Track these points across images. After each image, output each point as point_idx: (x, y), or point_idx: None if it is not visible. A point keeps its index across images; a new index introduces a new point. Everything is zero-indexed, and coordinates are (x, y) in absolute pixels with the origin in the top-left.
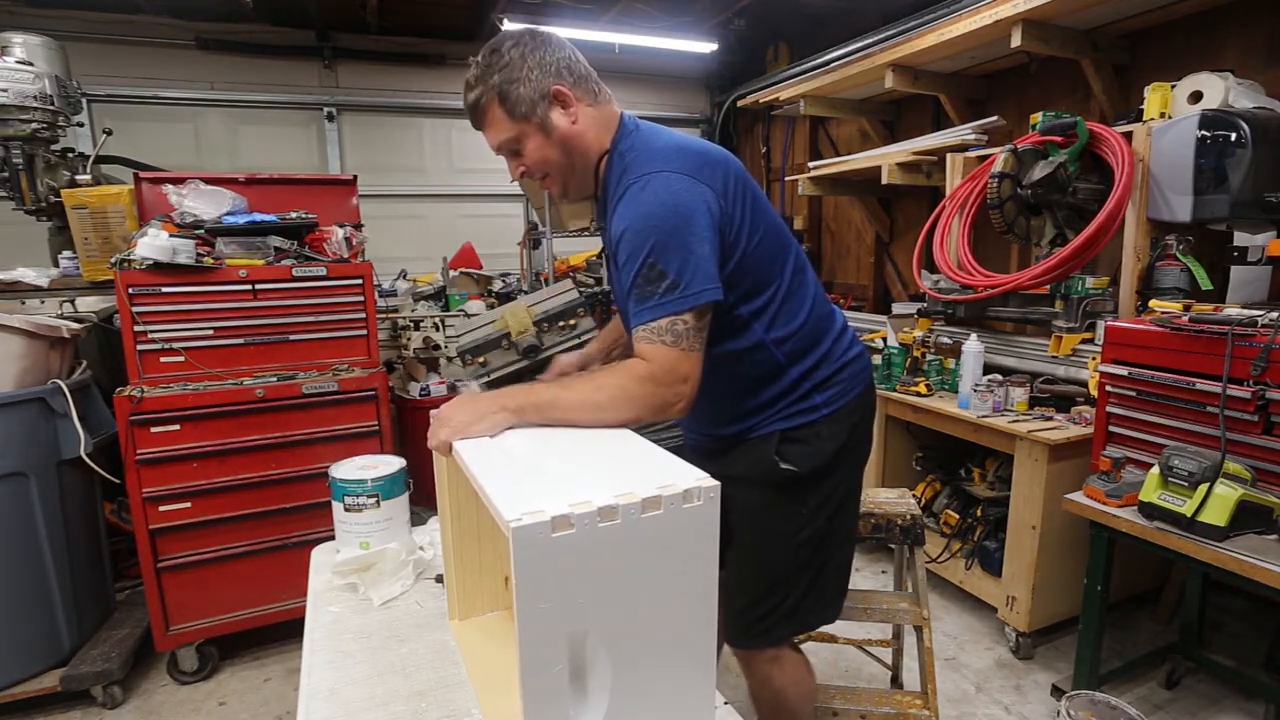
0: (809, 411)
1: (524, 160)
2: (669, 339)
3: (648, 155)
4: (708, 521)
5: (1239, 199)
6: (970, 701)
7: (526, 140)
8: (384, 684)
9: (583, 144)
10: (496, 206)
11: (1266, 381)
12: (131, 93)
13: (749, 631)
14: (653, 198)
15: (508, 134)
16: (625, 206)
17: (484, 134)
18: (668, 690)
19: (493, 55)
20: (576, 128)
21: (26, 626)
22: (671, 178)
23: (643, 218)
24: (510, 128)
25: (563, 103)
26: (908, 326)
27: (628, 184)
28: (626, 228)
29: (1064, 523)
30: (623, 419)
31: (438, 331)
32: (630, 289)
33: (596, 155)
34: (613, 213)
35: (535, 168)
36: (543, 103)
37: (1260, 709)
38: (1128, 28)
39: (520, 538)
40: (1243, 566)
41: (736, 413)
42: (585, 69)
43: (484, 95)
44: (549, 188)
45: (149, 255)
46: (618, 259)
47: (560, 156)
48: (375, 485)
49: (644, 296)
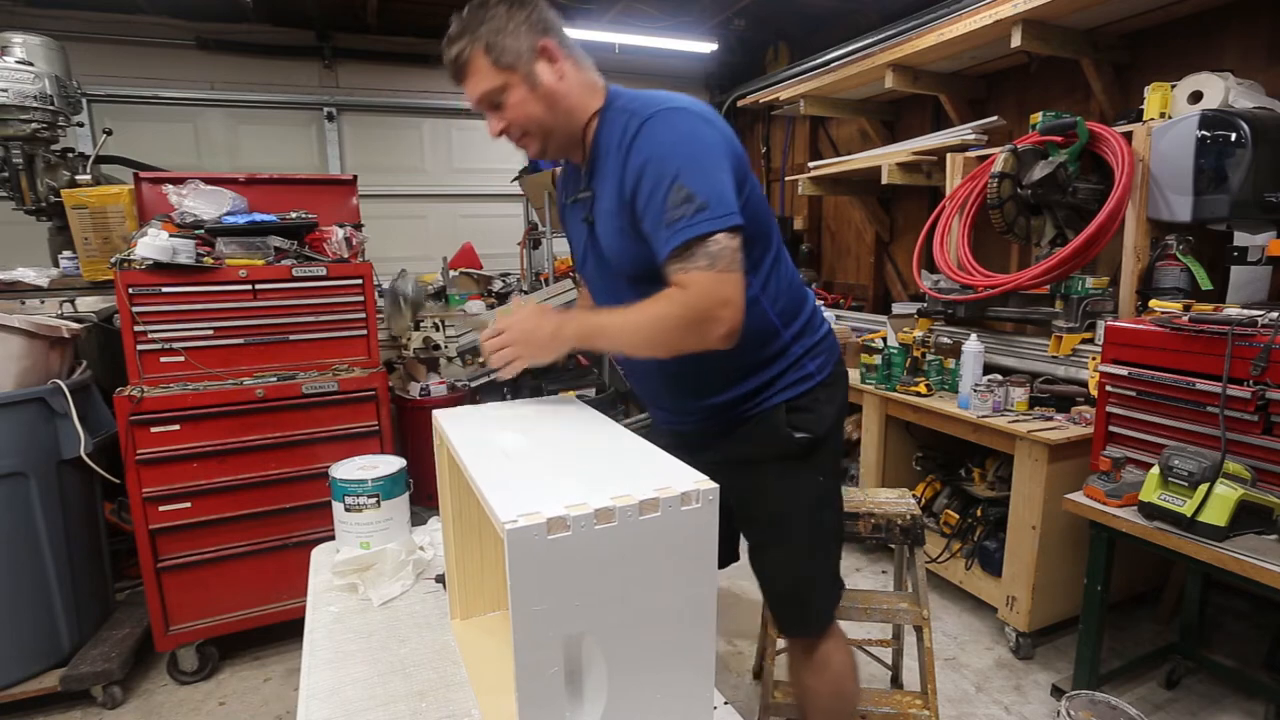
0: (806, 380)
1: (505, 114)
2: (703, 262)
3: (657, 99)
4: (706, 524)
5: (1239, 199)
6: (970, 701)
7: (510, 92)
8: (384, 684)
9: (568, 103)
10: (496, 206)
11: (1266, 381)
12: (131, 93)
13: (813, 616)
14: (673, 128)
15: (491, 84)
16: (644, 140)
17: (464, 87)
18: (666, 692)
19: (479, 9)
20: (563, 85)
21: (26, 626)
22: (689, 113)
23: (667, 144)
24: (494, 77)
25: (550, 57)
26: (908, 326)
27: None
28: (649, 157)
29: (1064, 523)
30: (669, 347)
31: (438, 331)
32: (658, 217)
33: (583, 117)
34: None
35: (516, 122)
36: (529, 55)
37: (1260, 709)
38: (1128, 28)
39: (515, 540)
40: (1243, 566)
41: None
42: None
43: (468, 46)
44: (527, 145)
45: (149, 255)
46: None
47: (544, 112)
48: (375, 485)
49: (672, 220)
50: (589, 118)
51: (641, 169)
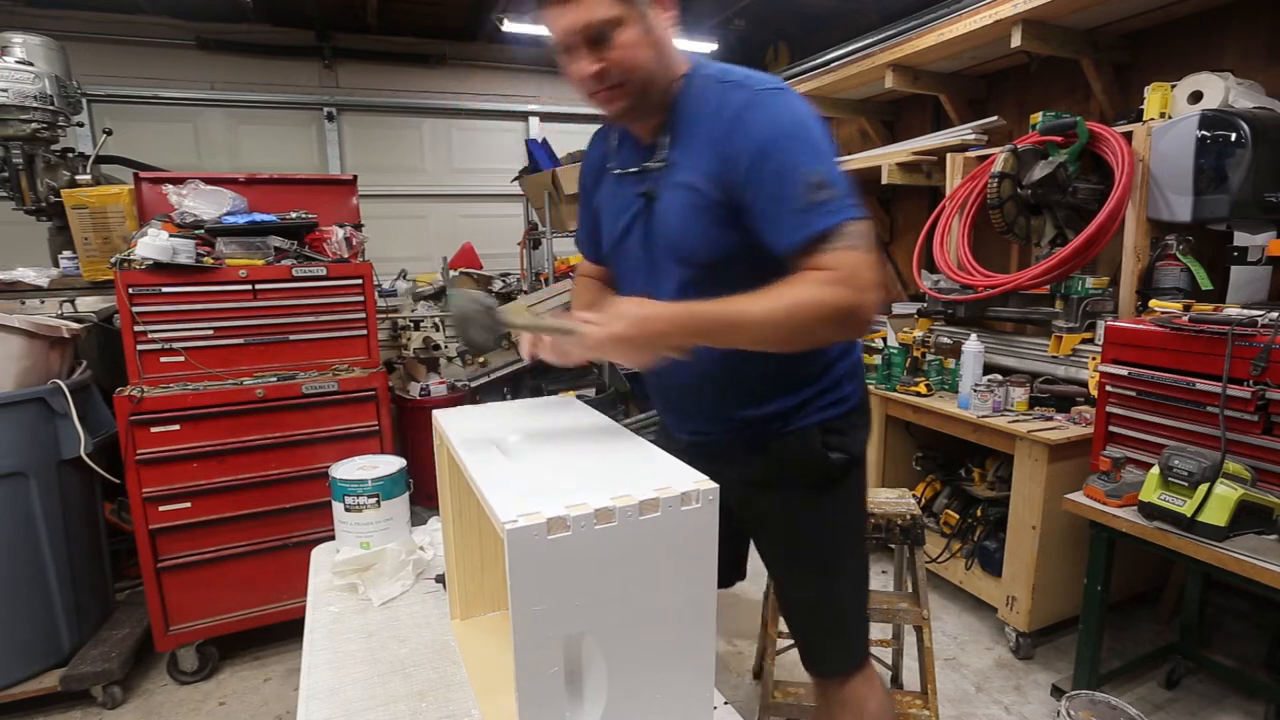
0: (842, 402)
1: (610, 53)
2: (851, 242)
3: (753, 75)
4: (706, 524)
5: (1239, 199)
6: (970, 701)
7: (624, 29)
8: (384, 684)
9: (670, 57)
10: (496, 206)
11: (1266, 381)
12: (131, 93)
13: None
14: (790, 109)
15: (607, 13)
16: (759, 118)
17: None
18: (666, 692)
19: None
20: (667, 36)
21: (26, 626)
22: (796, 97)
23: (788, 126)
24: (613, 7)
25: (664, 6)
26: (908, 326)
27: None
28: (769, 137)
29: (1064, 523)
30: (811, 338)
31: (438, 331)
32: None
33: (674, 74)
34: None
35: (621, 65)
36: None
37: (1260, 709)
38: (1128, 28)
39: (515, 540)
40: (1243, 566)
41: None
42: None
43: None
44: (616, 98)
45: (149, 255)
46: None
47: (653, 61)
48: (375, 485)
49: (809, 205)
50: (677, 77)
51: (761, 150)
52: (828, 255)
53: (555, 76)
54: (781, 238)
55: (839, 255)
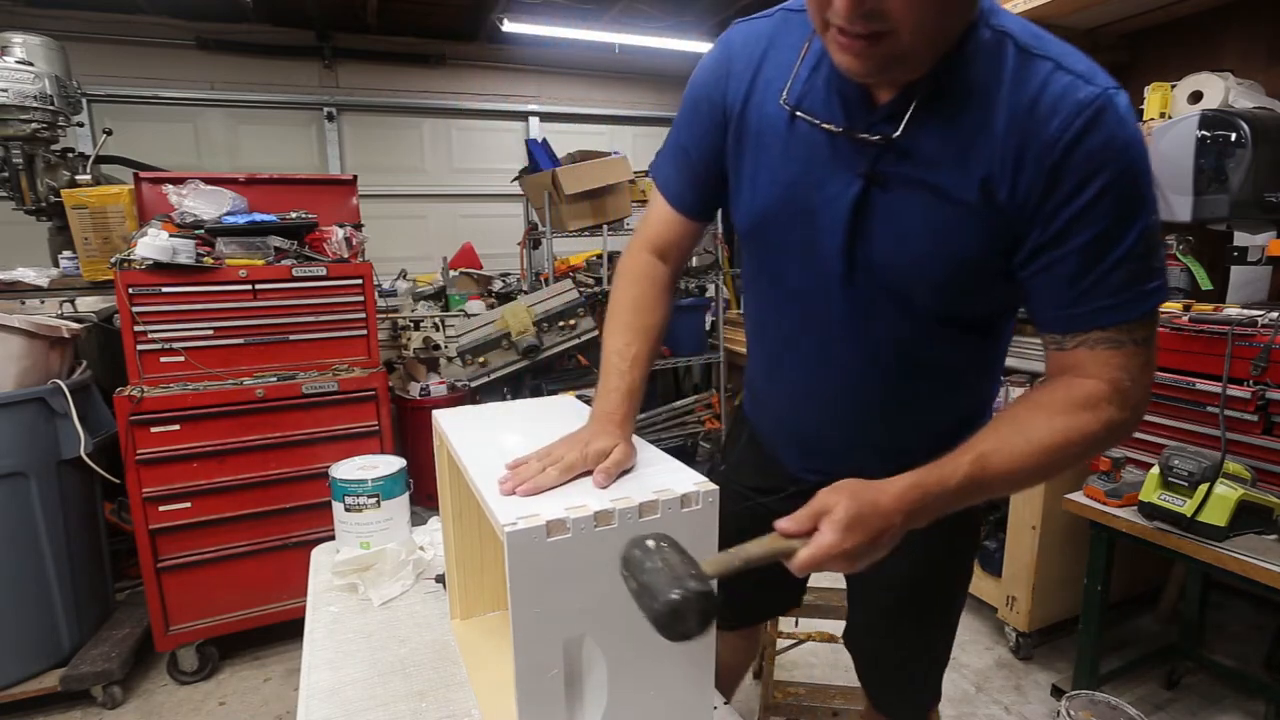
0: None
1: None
2: (1143, 335)
3: (1087, 61)
4: (706, 526)
5: (1239, 199)
6: (970, 701)
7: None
8: (384, 684)
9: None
10: (496, 206)
11: (1266, 381)
12: (131, 93)
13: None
14: (1138, 139)
15: None
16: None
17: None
18: (666, 692)
19: None
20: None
21: (26, 626)
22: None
23: (1141, 169)
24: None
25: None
26: None
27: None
28: (1133, 170)
29: (1064, 523)
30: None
31: (438, 331)
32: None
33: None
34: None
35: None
36: None
37: (1260, 709)
38: (1128, 28)
39: (515, 542)
40: (1243, 566)
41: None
42: None
43: None
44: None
45: (149, 255)
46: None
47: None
48: (375, 485)
49: (1146, 275)
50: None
51: (1100, 190)
52: (1106, 356)
53: (555, 76)
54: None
55: (1123, 360)
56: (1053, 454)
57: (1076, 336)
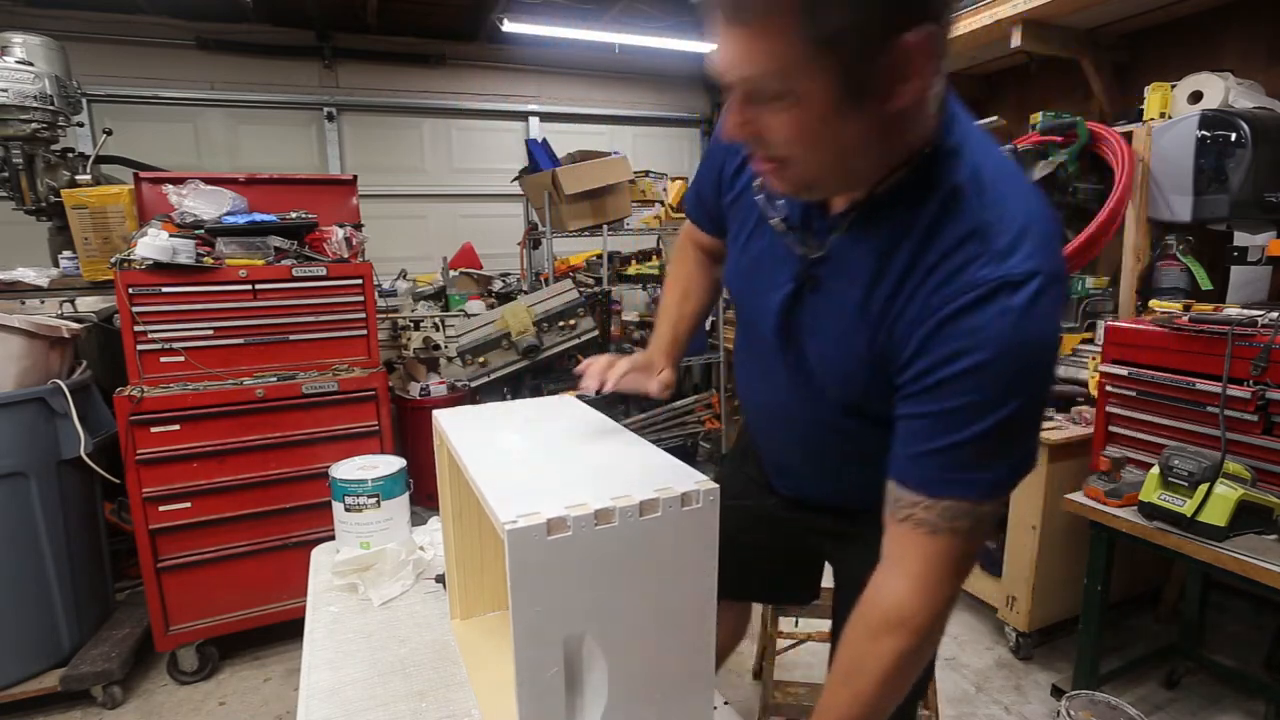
0: None
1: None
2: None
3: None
4: (707, 525)
5: (1239, 199)
6: (970, 701)
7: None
8: (384, 684)
9: (900, 135)
10: (496, 206)
11: (1266, 381)
12: (131, 93)
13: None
14: (1042, 330)
15: (769, 65)
16: (981, 321)
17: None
18: (666, 692)
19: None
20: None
21: (26, 626)
22: (1056, 295)
23: (1027, 360)
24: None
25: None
26: None
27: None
28: (993, 358)
29: (1064, 523)
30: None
31: (438, 331)
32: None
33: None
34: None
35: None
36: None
37: (1260, 709)
38: (1128, 28)
39: (515, 540)
40: (1243, 566)
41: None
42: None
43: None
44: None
45: (149, 255)
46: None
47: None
48: (375, 485)
49: (969, 463)
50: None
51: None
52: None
53: (555, 76)
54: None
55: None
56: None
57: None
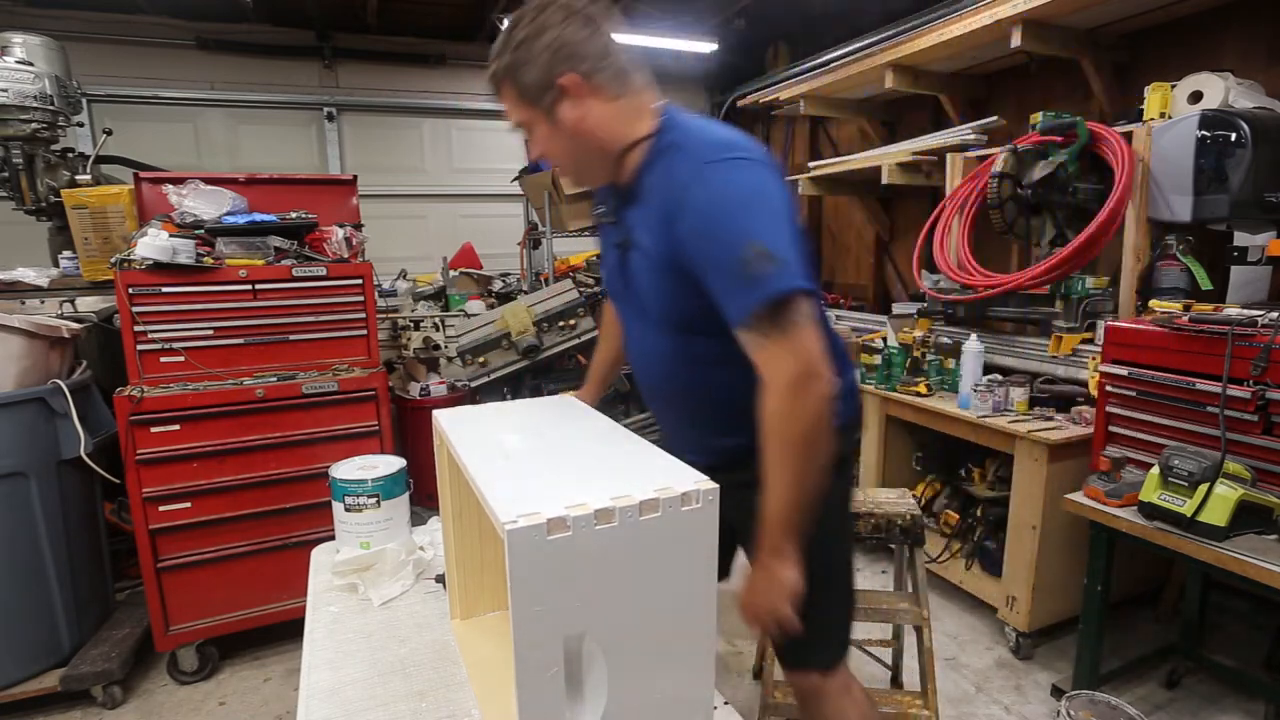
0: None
1: (536, 146)
2: (790, 319)
3: (715, 141)
4: (706, 524)
5: (1239, 199)
6: (970, 701)
7: (535, 127)
8: (384, 684)
9: (596, 139)
10: (496, 206)
11: (1266, 381)
12: (131, 93)
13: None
14: (740, 183)
15: (517, 117)
16: (705, 192)
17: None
18: (666, 692)
19: (514, 27)
20: (587, 124)
21: (26, 626)
22: (753, 164)
23: (736, 199)
24: (520, 111)
25: (569, 95)
26: (908, 326)
27: (697, 169)
28: (710, 215)
29: (1064, 523)
30: (822, 442)
31: (438, 331)
32: (730, 279)
33: (618, 147)
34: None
35: (547, 155)
36: (549, 92)
37: (1260, 709)
38: (1128, 28)
39: (515, 540)
40: (1243, 566)
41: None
42: (610, 51)
43: (499, 71)
44: (565, 174)
45: (149, 255)
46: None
47: (567, 152)
48: (375, 485)
49: (749, 280)
50: (630, 145)
51: (704, 227)
52: (765, 349)
53: None
54: (730, 313)
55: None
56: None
57: (745, 326)
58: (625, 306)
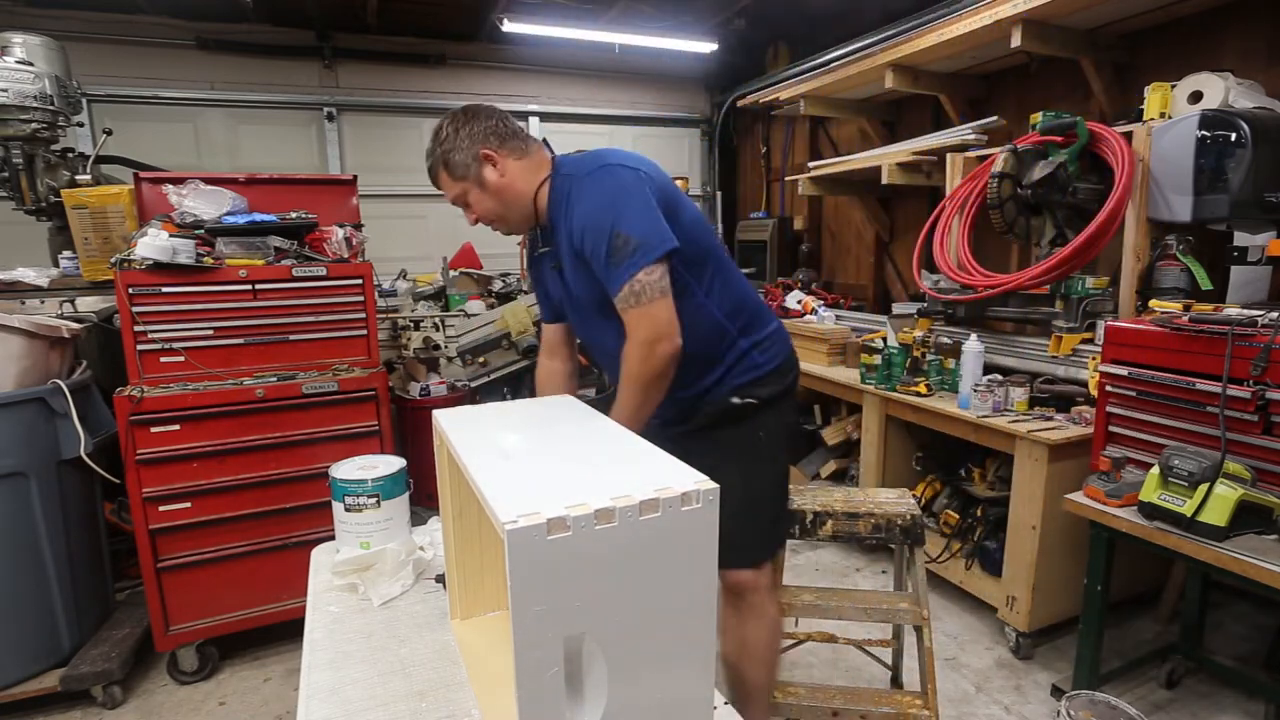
0: (754, 369)
1: (472, 210)
2: (646, 293)
3: (587, 161)
4: (707, 524)
5: (1239, 199)
6: (970, 701)
7: (469, 194)
8: (384, 684)
9: (514, 191)
10: None
11: (1266, 381)
12: (131, 93)
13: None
14: (601, 185)
15: (455, 191)
16: (579, 201)
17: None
18: (666, 692)
19: (437, 133)
20: (505, 180)
21: (26, 626)
22: (613, 168)
23: (599, 202)
24: (456, 187)
25: (491, 161)
26: (908, 326)
27: (573, 185)
28: (587, 214)
29: (1064, 523)
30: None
31: (438, 331)
32: (605, 264)
33: (529, 194)
34: (568, 216)
35: (481, 215)
36: (475, 164)
37: (1260, 709)
38: (1128, 28)
39: (515, 540)
40: (1243, 566)
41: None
42: (512, 129)
43: (434, 163)
44: (499, 229)
45: (149, 255)
46: (584, 248)
47: (496, 205)
48: (375, 485)
49: (618, 263)
50: (535, 191)
51: (583, 228)
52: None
53: (555, 76)
54: (610, 290)
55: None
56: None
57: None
58: (576, 315)
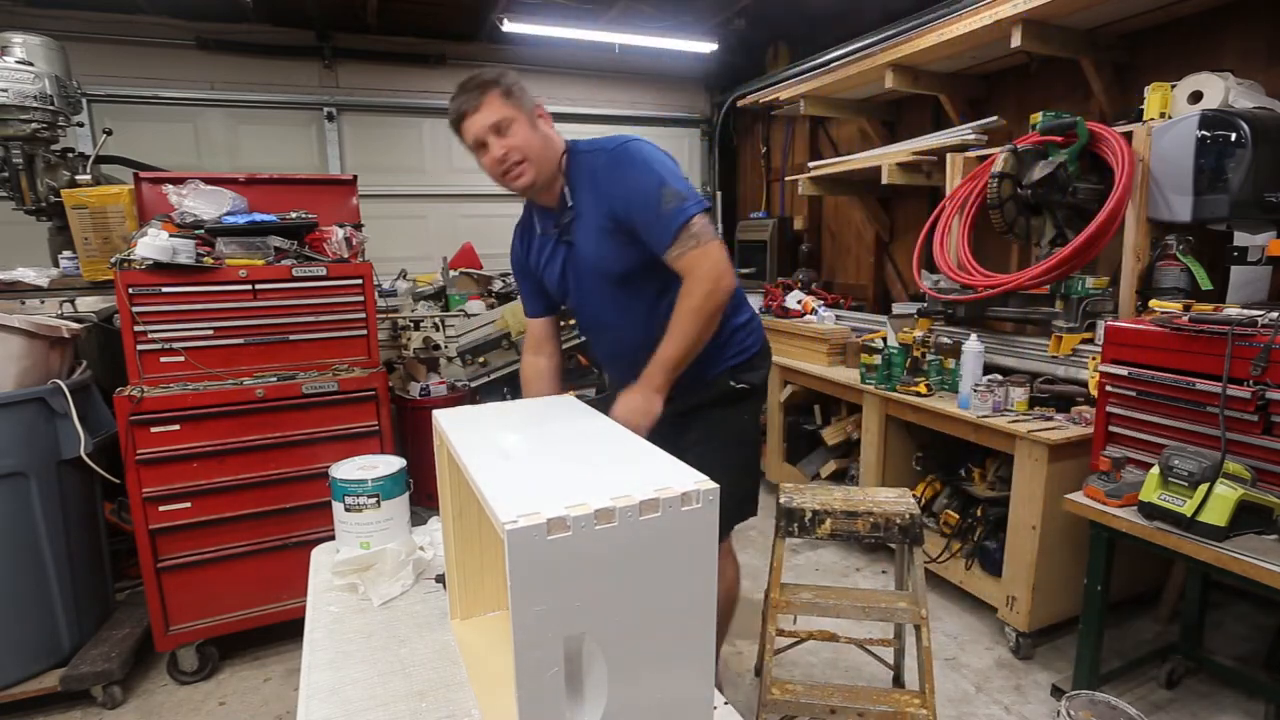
0: (744, 351)
1: (508, 140)
2: (704, 234)
3: (608, 140)
4: (706, 524)
5: (1239, 199)
6: (970, 701)
7: (514, 124)
8: (384, 684)
9: (553, 148)
10: (496, 206)
11: (1266, 381)
12: (131, 93)
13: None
14: (639, 153)
15: (500, 115)
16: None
17: (478, 116)
18: (666, 692)
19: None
20: (551, 136)
21: (26, 626)
22: (639, 142)
23: (641, 167)
24: (504, 109)
25: (544, 117)
26: (908, 326)
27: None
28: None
29: (1064, 523)
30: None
31: (438, 331)
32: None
33: (557, 159)
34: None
35: (518, 148)
36: (533, 107)
37: (1260, 709)
38: (1128, 28)
39: (515, 540)
40: (1243, 566)
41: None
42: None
43: (486, 82)
44: (520, 174)
45: (149, 255)
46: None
47: (540, 145)
48: (375, 485)
49: (672, 211)
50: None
51: (628, 191)
52: (685, 255)
53: (555, 76)
54: (660, 239)
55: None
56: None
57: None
58: (581, 291)
